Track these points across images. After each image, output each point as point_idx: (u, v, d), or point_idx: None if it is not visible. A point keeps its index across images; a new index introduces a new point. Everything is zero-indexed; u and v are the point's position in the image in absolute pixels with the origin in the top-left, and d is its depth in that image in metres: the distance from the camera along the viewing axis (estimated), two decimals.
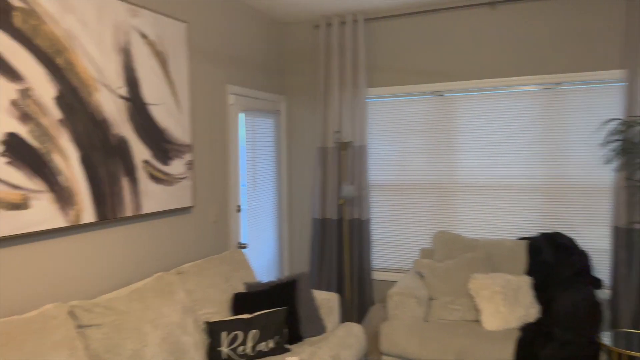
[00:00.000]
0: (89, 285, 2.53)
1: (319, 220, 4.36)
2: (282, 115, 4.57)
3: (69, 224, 2.35)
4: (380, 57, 4.31)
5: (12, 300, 2.15)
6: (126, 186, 2.70)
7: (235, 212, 3.81)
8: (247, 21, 3.98)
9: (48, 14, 2.24)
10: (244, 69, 3.95)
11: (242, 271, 3.27)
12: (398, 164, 4.32)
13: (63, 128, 2.32)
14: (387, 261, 4.40)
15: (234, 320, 2.75)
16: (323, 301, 3.30)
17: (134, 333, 2.32)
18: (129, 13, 2.70)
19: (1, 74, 2.04)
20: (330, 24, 4.32)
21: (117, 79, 2.62)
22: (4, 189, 2.05)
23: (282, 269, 4.58)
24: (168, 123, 3.01)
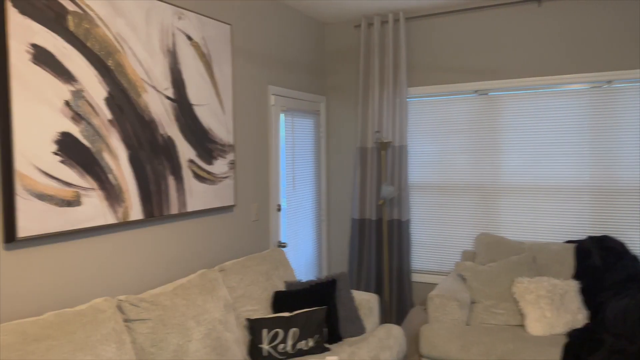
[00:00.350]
0: (135, 281, 2.61)
1: (358, 221, 4.34)
2: (321, 116, 4.59)
3: (117, 220, 2.44)
4: (422, 56, 4.26)
5: (63, 293, 2.24)
6: (172, 185, 2.77)
7: (275, 211, 3.85)
8: (289, 22, 4.02)
9: (100, 17, 2.32)
10: (285, 69, 3.98)
11: (282, 270, 3.29)
12: (439, 165, 4.26)
13: (113, 128, 2.40)
14: (427, 263, 4.35)
15: (275, 318, 2.77)
16: (362, 302, 3.28)
17: (178, 328, 2.37)
18: (175, 16, 2.77)
19: (56, 76, 2.13)
20: (371, 23, 4.30)
21: (164, 81, 2.70)
22: (57, 186, 2.14)
23: (320, 268, 4.59)
24: (212, 123, 3.07)
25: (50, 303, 2.17)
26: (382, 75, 4.27)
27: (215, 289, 2.71)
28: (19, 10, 1.99)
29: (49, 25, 2.10)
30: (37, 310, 2.12)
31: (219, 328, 2.57)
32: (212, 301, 2.62)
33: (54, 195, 2.13)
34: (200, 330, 2.46)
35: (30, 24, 2.03)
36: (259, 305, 2.95)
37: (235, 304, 2.85)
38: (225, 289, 2.80)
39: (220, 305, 2.66)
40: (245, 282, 2.96)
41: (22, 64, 2.00)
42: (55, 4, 2.12)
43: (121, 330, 2.17)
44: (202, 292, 2.61)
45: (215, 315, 2.58)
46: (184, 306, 2.47)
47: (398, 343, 3.11)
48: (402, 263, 4.22)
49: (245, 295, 2.91)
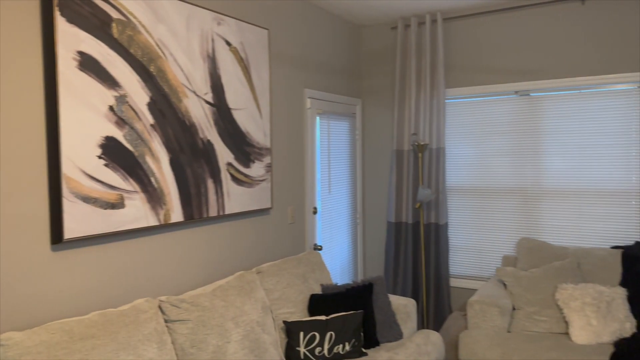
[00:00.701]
0: (175, 282, 2.66)
1: (394, 224, 4.30)
2: (357, 118, 4.57)
3: (159, 223, 2.49)
4: (460, 57, 4.19)
5: (106, 293, 2.30)
6: (211, 188, 2.81)
7: (311, 214, 3.85)
8: (325, 26, 4.02)
9: (142, 24, 2.38)
10: (321, 72, 3.99)
11: (318, 272, 3.29)
12: (478, 167, 4.17)
13: (155, 132, 2.45)
14: (466, 268, 4.26)
15: (311, 321, 2.77)
16: (400, 306, 3.24)
17: (217, 329, 2.40)
18: (214, 21, 2.81)
19: (101, 82, 2.20)
20: (408, 24, 4.26)
21: (203, 86, 2.74)
22: (102, 189, 2.21)
23: (356, 271, 4.57)
24: (249, 127, 3.10)
25: (94, 302, 2.24)
26: (419, 77, 4.22)
27: (253, 291, 2.73)
28: (67, 19, 2.06)
29: (95, 32, 2.17)
30: (81, 309, 2.19)
31: (256, 330, 2.59)
32: (250, 303, 2.64)
33: (98, 198, 2.19)
34: (238, 331, 2.48)
35: (77, 32, 2.10)
36: (295, 308, 2.95)
37: (272, 306, 2.86)
38: (262, 291, 2.81)
39: (258, 307, 2.67)
40: (282, 284, 2.97)
41: (69, 70, 2.07)
42: (100, 12, 2.19)
43: (162, 331, 2.21)
44: (240, 294, 2.63)
45: (253, 317, 2.60)
46: (223, 307, 2.49)
47: (436, 349, 3.06)
48: (440, 268, 4.15)
49: (282, 297, 2.92)
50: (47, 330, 1.85)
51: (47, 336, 1.83)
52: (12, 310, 1.93)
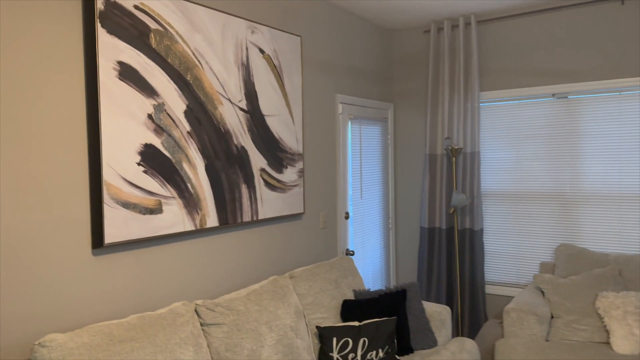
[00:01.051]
0: (210, 285, 2.70)
1: (427, 229, 4.26)
2: (389, 122, 4.55)
3: (195, 228, 2.54)
4: (495, 60, 4.12)
5: (144, 296, 2.35)
6: (245, 193, 2.84)
7: (343, 219, 3.85)
8: (357, 31, 4.03)
9: (179, 34, 2.44)
10: (353, 77, 3.99)
11: (350, 278, 3.28)
12: (514, 172, 4.09)
13: (191, 139, 2.51)
14: (502, 274, 4.17)
15: (344, 327, 2.77)
16: (434, 313, 3.21)
17: (251, 333, 2.43)
18: (249, 30, 2.86)
19: (140, 91, 2.26)
20: (441, 28, 4.22)
21: (238, 93, 2.78)
22: (141, 195, 2.27)
23: (388, 277, 4.54)
24: (282, 133, 3.13)
25: (132, 305, 2.30)
26: (452, 80, 4.17)
27: (286, 296, 2.74)
28: (107, 30, 2.13)
29: (134, 43, 2.23)
30: (120, 311, 2.25)
31: (290, 335, 2.60)
32: (283, 307, 2.66)
33: (137, 204, 2.25)
34: (272, 336, 2.50)
35: (117, 43, 2.16)
36: (328, 313, 2.95)
37: (305, 311, 2.87)
38: (295, 296, 2.83)
39: (291, 312, 2.69)
40: (315, 289, 2.98)
41: (110, 80, 2.14)
42: (139, 23, 2.25)
43: (198, 334, 2.25)
44: (273, 298, 2.66)
45: (286, 322, 2.62)
46: (257, 312, 2.52)
47: (472, 357, 3.00)
48: (475, 274, 4.08)
49: (315, 302, 2.93)
50: (89, 333, 1.91)
51: (88, 338, 1.89)
52: (55, 312, 2.00)
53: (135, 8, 2.24)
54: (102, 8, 2.10)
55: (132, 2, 2.22)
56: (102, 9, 2.10)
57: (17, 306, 1.88)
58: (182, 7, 2.45)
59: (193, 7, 2.51)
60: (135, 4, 2.23)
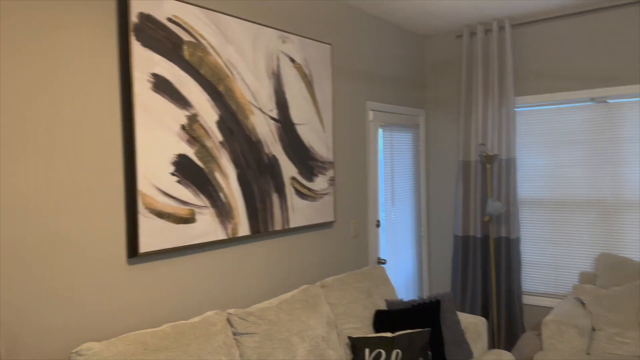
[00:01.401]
0: (242, 294, 2.71)
1: (461, 238, 4.17)
2: (421, 129, 4.49)
3: (227, 236, 2.55)
4: (530, 64, 4.02)
5: (177, 305, 2.37)
6: (276, 202, 2.85)
7: (374, 227, 3.81)
8: (387, 37, 4.00)
9: (211, 45, 2.47)
10: (384, 84, 3.96)
11: (382, 287, 3.24)
12: (552, 178, 3.97)
13: (223, 149, 2.53)
14: (540, 284, 4.05)
15: (377, 338, 2.72)
16: (469, 325, 3.13)
17: (283, 343, 2.41)
18: (279, 40, 2.87)
19: (173, 102, 2.29)
20: (474, 32, 4.15)
21: (269, 102, 2.80)
22: (174, 204, 2.29)
23: (421, 287, 4.46)
24: (313, 141, 3.12)
25: (165, 314, 2.32)
26: (486, 86, 4.09)
27: (318, 305, 2.72)
28: (141, 43, 2.17)
29: (167, 55, 2.27)
30: (154, 320, 2.27)
31: (322, 345, 2.58)
32: (315, 317, 2.64)
33: (172, 213, 2.28)
34: (304, 346, 2.49)
35: (151, 55, 2.20)
36: (360, 324, 2.92)
37: (337, 321, 2.85)
38: (327, 306, 2.80)
39: (323, 322, 2.67)
40: (347, 299, 2.95)
41: (144, 92, 2.17)
42: (172, 35, 2.29)
43: (231, 344, 2.25)
44: (305, 308, 2.64)
45: (318, 332, 2.60)
46: (289, 321, 2.51)
47: None
48: (512, 284, 3.96)
49: (347, 312, 2.90)
50: (124, 342, 1.94)
51: (123, 347, 1.91)
52: (91, 321, 2.04)
53: (169, 21, 2.27)
54: (136, 21, 2.14)
55: (165, 14, 2.26)
56: (136, 22, 2.14)
57: (55, 315, 1.92)
58: (214, 18, 2.48)
59: (225, 19, 2.54)
60: (168, 16, 2.27)
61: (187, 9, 2.35)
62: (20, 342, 1.83)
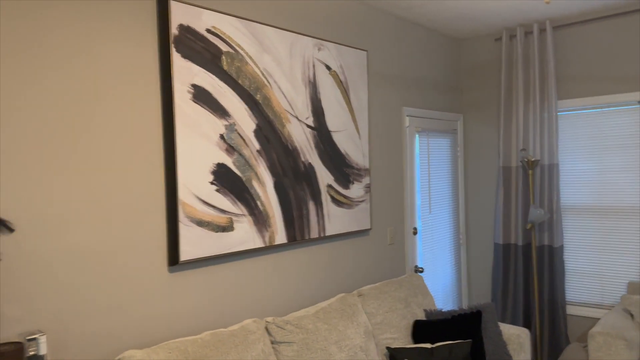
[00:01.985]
0: (279, 302, 2.71)
1: (502, 246, 4.06)
2: (458, 134, 4.41)
3: (264, 244, 2.56)
4: (573, 66, 3.89)
5: (216, 312, 2.39)
6: (312, 209, 2.84)
7: (411, 235, 3.76)
8: (424, 42, 3.95)
9: (249, 55, 2.49)
10: (420, 89, 3.91)
11: (420, 297, 3.19)
12: (598, 184, 3.82)
13: (260, 157, 2.54)
14: (585, 295, 3.90)
15: (416, 349, 2.68)
16: (511, 336, 3.04)
17: (321, 353, 2.40)
18: (315, 47, 2.87)
19: (212, 112, 2.32)
20: (513, 35, 4.06)
21: (305, 110, 2.80)
22: (214, 213, 2.32)
23: (460, 296, 4.37)
24: (348, 148, 3.11)
25: (204, 321, 2.34)
26: (527, 89, 3.98)
27: (355, 315, 2.70)
28: (182, 54, 2.20)
29: (206, 66, 2.30)
30: (193, 328, 2.29)
31: (360, 355, 2.55)
32: (352, 327, 2.62)
33: (211, 222, 2.30)
34: (342, 356, 2.46)
35: (191, 66, 2.24)
36: (398, 334, 2.87)
37: (375, 331, 2.81)
38: (364, 315, 2.77)
39: (360, 332, 2.64)
40: (384, 308, 2.91)
41: (184, 102, 2.21)
42: (211, 46, 2.32)
43: (269, 352, 2.25)
44: (342, 317, 2.62)
45: (356, 342, 2.57)
46: (326, 330, 2.49)
47: None
48: (555, 294, 3.83)
49: (384, 322, 2.86)
50: (165, 349, 1.96)
51: (164, 355, 1.94)
52: (133, 328, 2.08)
53: (208, 32, 2.31)
54: (176, 33, 2.18)
55: (204, 26, 2.29)
56: (176, 34, 2.18)
57: (99, 322, 1.97)
58: (252, 28, 2.50)
59: (262, 28, 2.56)
60: (207, 27, 2.30)
61: (226, 20, 2.38)
62: (66, 349, 1.88)
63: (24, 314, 1.77)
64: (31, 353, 1.67)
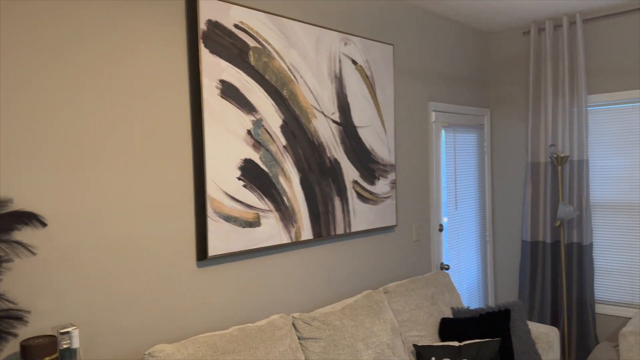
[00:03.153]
0: (305, 298, 2.70)
1: (529, 243, 3.99)
2: (485, 129, 4.34)
3: (290, 240, 2.55)
4: (604, 60, 3.79)
5: (243, 307, 2.40)
6: (337, 205, 2.83)
7: (437, 232, 3.72)
8: (450, 35, 3.89)
9: (276, 50, 2.48)
10: (446, 84, 3.85)
11: (447, 294, 3.15)
12: (628, 181, 3.72)
13: (287, 153, 2.53)
14: (615, 293, 3.80)
15: (444, 347, 2.64)
16: (540, 335, 2.98)
17: (348, 350, 2.39)
18: (341, 42, 2.85)
19: (240, 107, 2.32)
20: (542, 28, 3.97)
21: (331, 106, 2.78)
22: (241, 208, 2.32)
23: (486, 294, 4.31)
24: (374, 144, 3.08)
25: (232, 316, 2.35)
26: (556, 83, 3.89)
27: (382, 311, 2.68)
28: (210, 50, 2.20)
29: (234, 61, 2.30)
30: (221, 322, 2.30)
31: (387, 352, 2.53)
32: (379, 324, 2.60)
33: (238, 217, 2.30)
34: (369, 353, 2.45)
35: (219, 62, 2.24)
36: (425, 331, 2.84)
37: (401, 328, 2.79)
38: (391, 312, 2.75)
39: (387, 329, 2.62)
40: (410, 305, 2.88)
41: (212, 98, 2.21)
42: (239, 42, 2.32)
43: (296, 348, 2.25)
44: (369, 314, 2.60)
45: (383, 339, 2.55)
46: (353, 327, 2.48)
47: None
48: (584, 292, 3.75)
49: (411, 319, 2.83)
50: (194, 344, 1.97)
51: (193, 349, 1.95)
52: (163, 322, 2.09)
53: (235, 27, 2.30)
54: (204, 29, 2.18)
55: (232, 21, 2.29)
56: (204, 29, 2.18)
57: (129, 316, 1.99)
58: (278, 23, 2.49)
59: (289, 23, 2.54)
60: (235, 23, 2.30)
61: (253, 15, 2.37)
62: (97, 342, 1.90)
63: (56, 308, 1.80)
64: (64, 346, 1.70)
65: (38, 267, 1.76)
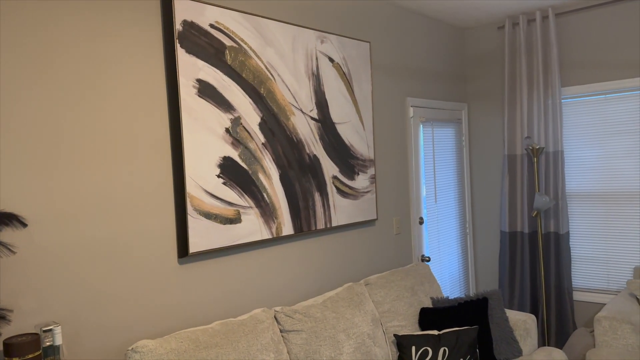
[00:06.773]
0: (286, 292, 2.75)
1: (508, 234, 4.08)
2: (463, 124, 4.42)
3: (271, 236, 2.60)
4: (576, 53, 3.89)
5: (225, 302, 2.44)
6: (318, 201, 2.88)
7: (417, 225, 3.79)
8: (427, 32, 3.96)
9: (252, 49, 2.52)
10: (424, 79, 3.92)
11: (427, 285, 3.22)
12: (602, 170, 3.83)
13: (266, 150, 2.58)
14: (591, 280, 3.92)
15: (424, 336, 2.71)
16: (518, 322, 3.07)
17: (329, 341, 2.44)
18: (318, 40, 2.89)
19: (217, 106, 2.36)
20: (516, 23, 4.05)
21: (309, 103, 2.83)
22: (221, 205, 2.36)
23: (467, 284, 4.40)
24: (353, 140, 3.14)
25: (214, 311, 2.39)
26: (531, 77, 3.98)
27: (363, 303, 2.74)
28: (186, 49, 2.24)
29: (210, 60, 2.33)
30: (204, 318, 2.34)
31: (368, 342, 2.59)
32: (360, 315, 2.66)
33: (218, 214, 2.34)
34: (350, 343, 2.51)
35: (195, 61, 2.27)
36: (406, 321, 2.91)
37: (382, 319, 2.85)
38: (372, 303, 2.81)
39: (368, 320, 2.68)
40: (391, 296, 2.95)
41: (190, 97, 2.24)
42: (215, 41, 2.35)
43: (278, 341, 2.30)
44: (350, 306, 2.66)
45: (363, 330, 2.61)
46: (334, 319, 2.53)
47: None
48: (562, 280, 3.85)
49: (391, 310, 2.90)
50: (177, 339, 2.01)
51: (176, 344, 1.99)
52: (145, 320, 2.13)
53: (211, 27, 2.34)
54: (180, 29, 2.21)
55: (207, 21, 2.32)
56: (180, 29, 2.21)
57: (111, 314, 2.02)
58: (254, 22, 2.53)
59: (265, 22, 2.58)
60: (211, 22, 2.33)
61: (228, 14, 2.41)
62: (81, 340, 1.93)
63: (39, 306, 1.83)
64: (47, 344, 1.73)
65: (20, 267, 1.78)
